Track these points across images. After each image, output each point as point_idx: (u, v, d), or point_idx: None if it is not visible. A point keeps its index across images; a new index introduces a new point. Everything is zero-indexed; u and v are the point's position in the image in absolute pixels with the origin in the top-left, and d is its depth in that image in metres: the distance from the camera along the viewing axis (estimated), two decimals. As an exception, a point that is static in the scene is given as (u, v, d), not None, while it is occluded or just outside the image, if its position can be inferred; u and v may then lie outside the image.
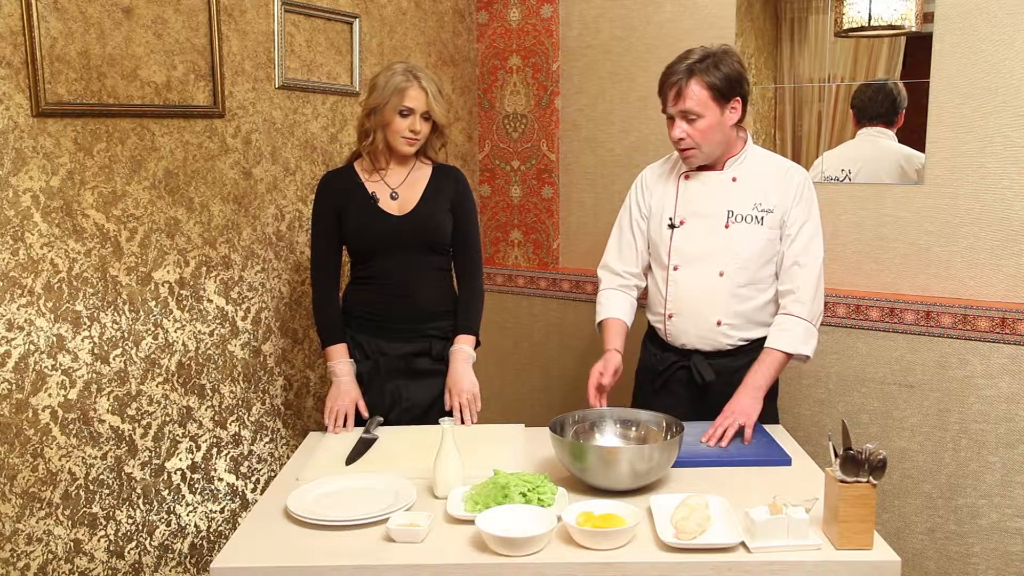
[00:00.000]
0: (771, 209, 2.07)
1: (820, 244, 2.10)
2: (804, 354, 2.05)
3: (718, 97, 1.99)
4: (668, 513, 1.57)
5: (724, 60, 1.99)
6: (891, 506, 2.67)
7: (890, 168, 2.62)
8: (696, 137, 2.02)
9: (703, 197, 2.11)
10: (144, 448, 2.26)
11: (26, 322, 1.98)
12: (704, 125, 2.00)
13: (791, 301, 2.07)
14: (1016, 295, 2.45)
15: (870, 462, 1.47)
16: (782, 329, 2.05)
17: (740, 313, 2.11)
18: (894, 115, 2.62)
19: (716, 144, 2.06)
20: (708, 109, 1.99)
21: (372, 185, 2.23)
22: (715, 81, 1.97)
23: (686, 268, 2.12)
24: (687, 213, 2.12)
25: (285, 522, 1.64)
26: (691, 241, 2.11)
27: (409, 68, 2.17)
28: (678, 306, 2.14)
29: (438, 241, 2.25)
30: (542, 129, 3.30)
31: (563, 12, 3.21)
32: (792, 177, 2.09)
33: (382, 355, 2.26)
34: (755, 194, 2.08)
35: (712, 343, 2.14)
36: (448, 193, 2.27)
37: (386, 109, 2.15)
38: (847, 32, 2.65)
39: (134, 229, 2.19)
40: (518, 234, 3.44)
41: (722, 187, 2.10)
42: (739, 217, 2.07)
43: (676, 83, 1.99)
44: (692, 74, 1.98)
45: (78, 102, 2.04)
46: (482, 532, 1.49)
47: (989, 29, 2.41)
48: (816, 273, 2.07)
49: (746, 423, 1.97)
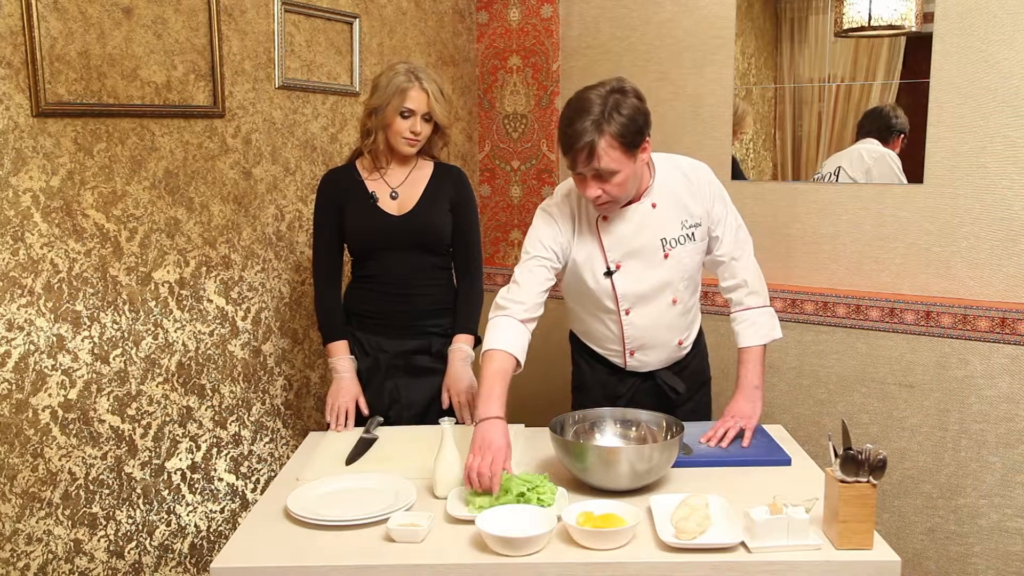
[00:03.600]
0: (698, 222, 2.02)
1: (745, 231, 2.11)
2: (777, 337, 2.08)
3: (630, 148, 1.83)
4: (668, 513, 1.57)
5: (623, 103, 1.81)
6: (891, 506, 2.67)
7: (880, 166, 2.65)
8: (613, 192, 1.88)
9: (631, 235, 1.99)
10: (144, 448, 2.26)
11: (26, 322, 1.98)
12: (620, 179, 1.85)
13: (745, 295, 2.07)
14: (1016, 295, 2.45)
15: (870, 462, 1.47)
16: (750, 324, 2.06)
17: (689, 323, 2.16)
18: (888, 134, 2.64)
19: (632, 189, 1.93)
20: (622, 164, 1.83)
21: (372, 184, 2.24)
22: (623, 133, 1.80)
23: (639, 307, 2.05)
24: (620, 256, 2.00)
25: (285, 522, 1.64)
26: (635, 282, 2.03)
27: (411, 69, 2.16)
28: (639, 343, 2.11)
29: (436, 241, 2.26)
30: (542, 129, 3.30)
31: (563, 12, 3.21)
32: (700, 178, 2.04)
33: (382, 352, 2.26)
34: (678, 212, 2.01)
35: (674, 359, 2.17)
36: (448, 193, 2.27)
37: (387, 110, 2.15)
38: (847, 32, 2.65)
39: (134, 229, 2.19)
40: (518, 234, 3.44)
41: (646, 218, 1.99)
42: (673, 242, 2.01)
43: (586, 146, 1.80)
44: (601, 131, 1.79)
45: (78, 102, 2.04)
46: (482, 532, 1.49)
47: (989, 29, 2.41)
48: (753, 260, 2.10)
49: (746, 426, 1.97)
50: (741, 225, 2.10)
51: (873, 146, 2.67)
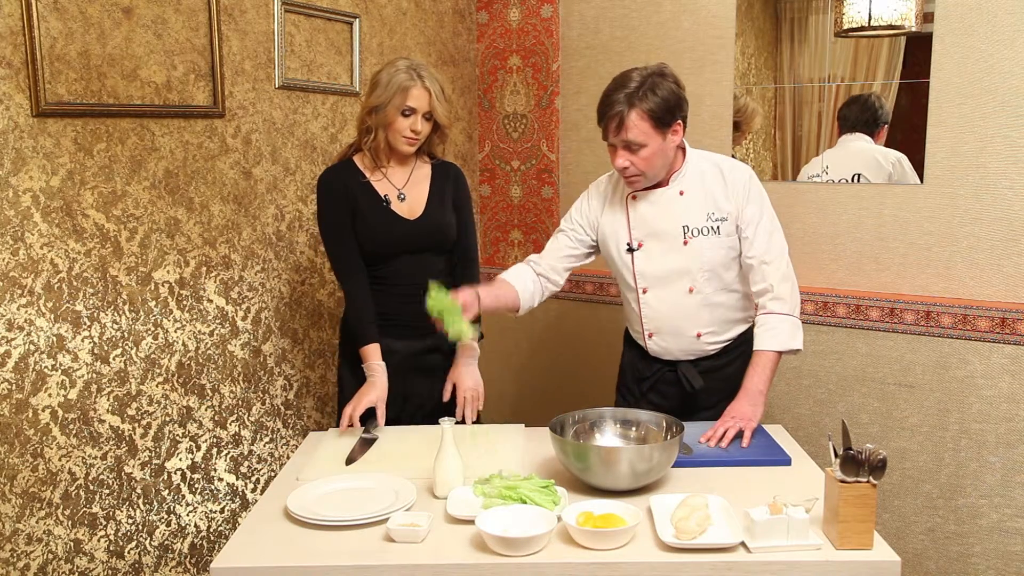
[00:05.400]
0: (724, 217, 2.05)
1: (781, 236, 2.10)
2: (795, 348, 2.06)
3: (659, 125, 1.94)
4: (668, 513, 1.57)
5: (660, 84, 1.93)
6: (891, 506, 2.67)
7: (866, 163, 2.64)
8: (640, 165, 1.98)
9: (655, 217, 2.08)
10: (144, 448, 2.26)
11: (26, 322, 1.98)
12: (647, 153, 1.96)
13: (769, 299, 2.06)
14: (1016, 295, 2.45)
15: (870, 462, 1.47)
16: (768, 328, 2.05)
17: (716, 320, 2.13)
18: (874, 126, 2.63)
19: (660, 168, 2.02)
20: (650, 138, 1.94)
21: (377, 185, 2.22)
22: (655, 108, 1.92)
23: (655, 289, 2.12)
24: (643, 235, 2.10)
25: (285, 522, 1.64)
26: (653, 263, 2.10)
27: (413, 65, 2.14)
28: (655, 325, 2.15)
29: (447, 242, 2.27)
30: (542, 129, 3.30)
31: (563, 12, 3.21)
32: (736, 178, 2.06)
33: (393, 353, 2.26)
34: (705, 204, 2.06)
35: (696, 353, 2.16)
36: (449, 192, 2.27)
37: (388, 108, 2.12)
38: (847, 32, 2.65)
39: (134, 229, 2.19)
40: (518, 234, 3.44)
41: (672, 203, 2.07)
42: (695, 231, 2.05)
43: (617, 114, 1.93)
44: (632, 104, 1.92)
45: (78, 102, 2.04)
46: (482, 532, 1.49)
47: (989, 29, 2.41)
48: (784, 266, 2.08)
49: (746, 428, 1.97)
50: (776, 230, 2.09)
51: (867, 143, 2.66)
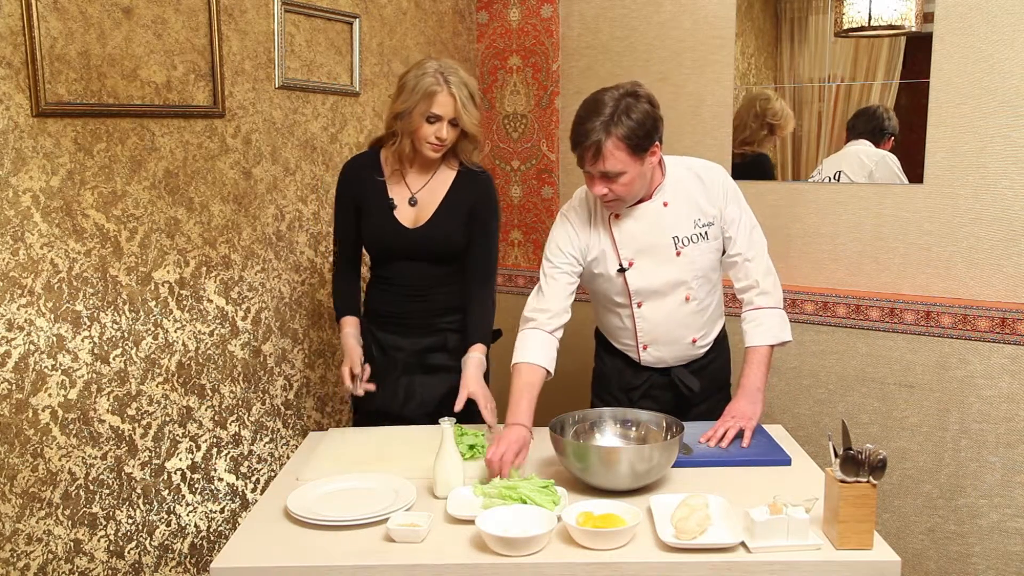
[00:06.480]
0: (710, 221, 2.04)
1: (760, 231, 2.10)
2: (785, 340, 2.08)
3: (636, 151, 1.87)
4: (668, 513, 1.57)
5: (634, 106, 1.86)
6: (891, 506, 2.67)
7: (848, 162, 2.67)
8: (619, 191, 1.93)
9: (643, 232, 2.04)
10: (144, 448, 2.26)
11: (26, 322, 1.98)
12: (627, 180, 1.90)
13: (755, 295, 2.07)
14: (1016, 295, 2.45)
15: (870, 462, 1.47)
16: (758, 324, 2.06)
17: (705, 323, 2.14)
18: (880, 134, 2.64)
19: (640, 189, 1.97)
20: (628, 165, 1.88)
21: (393, 186, 2.21)
22: (630, 135, 1.85)
23: (651, 302, 2.09)
24: (632, 253, 2.05)
25: (285, 522, 1.64)
26: (647, 277, 2.06)
27: (440, 69, 2.08)
28: (651, 337, 2.12)
29: (450, 252, 2.23)
30: (542, 129, 3.30)
31: (563, 12, 3.21)
32: (713, 178, 2.06)
33: (398, 351, 2.26)
34: (691, 212, 2.04)
35: (689, 357, 2.17)
36: (468, 201, 2.21)
37: (413, 114, 2.08)
38: (847, 32, 2.65)
39: (134, 229, 2.19)
40: (518, 234, 3.44)
41: (659, 216, 2.03)
42: (686, 240, 2.04)
43: (593, 144, 1.85)
44: (609, 132, 1.84)
45: (78, 102, 2.04)
46: (482, 532, 1.49)
47: (989, 29, 2.41)
48: (766, 261, 2.09)
49: (746, 427, 1.97)
50: (756, 227, 2.10)
51: (867, 147, 2.67)
